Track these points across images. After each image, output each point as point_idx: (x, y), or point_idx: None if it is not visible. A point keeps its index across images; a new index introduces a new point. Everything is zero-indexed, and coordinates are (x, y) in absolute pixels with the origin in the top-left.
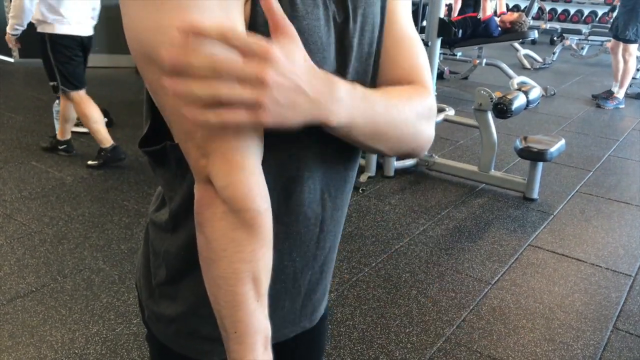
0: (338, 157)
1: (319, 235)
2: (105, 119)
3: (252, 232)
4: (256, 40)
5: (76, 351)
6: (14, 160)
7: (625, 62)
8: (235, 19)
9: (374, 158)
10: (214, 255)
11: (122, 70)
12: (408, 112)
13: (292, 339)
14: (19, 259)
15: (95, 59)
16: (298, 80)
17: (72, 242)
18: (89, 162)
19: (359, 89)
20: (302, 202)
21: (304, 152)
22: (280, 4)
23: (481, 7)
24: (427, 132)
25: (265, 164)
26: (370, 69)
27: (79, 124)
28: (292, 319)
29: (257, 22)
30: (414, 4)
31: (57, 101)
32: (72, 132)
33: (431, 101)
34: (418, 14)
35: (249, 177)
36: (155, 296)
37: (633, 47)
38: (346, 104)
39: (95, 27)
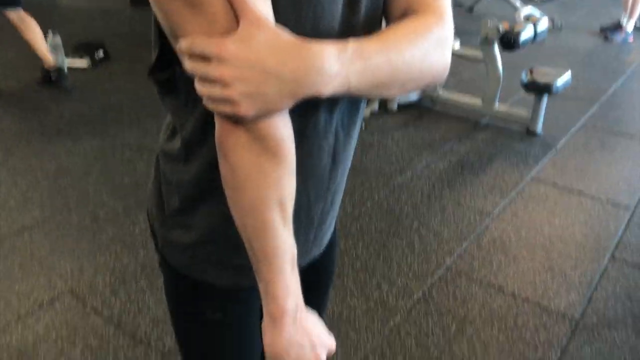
0: None
1: (331, 166)
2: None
3: (276, 159)
4: (210, 42)
5: (85, 281)
6: (10, 95)
7: None
8: None
9: None
10: (239, 183)
11: (116, 2)
12: (413, 52)
13: (303, 268)
14: (23, 193)
15: None
16: (262, 67)
17: (74, 177)
18: None
19: (350, 47)
20: (317, 133)
21: None
22: None
23: None
24: (440, 62)
25: None
26: None
27: (76, 58)
28: (305, 251)
29: None
30: None
31: (49, 32)
32: (68, 68)
33: (443, 30)
34: None
35: None
36: (168, 224)
37: None
38: (334, 70)
39: None
